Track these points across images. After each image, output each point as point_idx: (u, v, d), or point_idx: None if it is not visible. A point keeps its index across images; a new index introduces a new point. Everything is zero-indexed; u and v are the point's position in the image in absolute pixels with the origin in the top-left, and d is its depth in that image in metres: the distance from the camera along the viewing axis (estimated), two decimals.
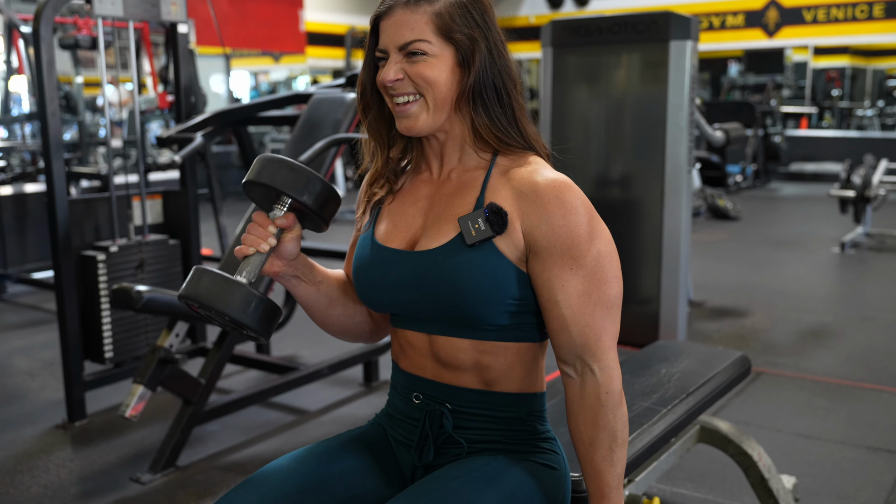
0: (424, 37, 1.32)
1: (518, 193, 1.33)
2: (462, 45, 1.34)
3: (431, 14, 1.32)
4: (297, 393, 3.63)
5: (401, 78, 1.34)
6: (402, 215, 1.44)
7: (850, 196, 6.96)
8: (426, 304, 1.36)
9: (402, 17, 1.33)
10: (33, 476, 2.96)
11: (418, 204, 1.43)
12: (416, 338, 1.41)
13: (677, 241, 4.12)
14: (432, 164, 1.45)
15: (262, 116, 3.91)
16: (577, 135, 4.41)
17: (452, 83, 1.35)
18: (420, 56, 1.32)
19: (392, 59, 1.34)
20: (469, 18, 1.34)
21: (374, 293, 1.42)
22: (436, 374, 1.40)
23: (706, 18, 12.81)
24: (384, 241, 1.42)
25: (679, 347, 2.49)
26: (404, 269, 1.37)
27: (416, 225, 1.41)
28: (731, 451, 2.37)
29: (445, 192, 1.41)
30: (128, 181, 3.72)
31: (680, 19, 4.02)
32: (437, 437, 1.41)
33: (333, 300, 1.52)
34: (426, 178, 1.46)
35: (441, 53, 1.33)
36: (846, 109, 14.22)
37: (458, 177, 1.41)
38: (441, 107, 1.35)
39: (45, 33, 3.18)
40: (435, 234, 1.37)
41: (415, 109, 1.35)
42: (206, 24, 9.69)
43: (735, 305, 5.23)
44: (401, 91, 1.35)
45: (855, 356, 4.23)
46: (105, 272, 3.38)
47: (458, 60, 1.34)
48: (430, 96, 1.34)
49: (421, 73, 1.33)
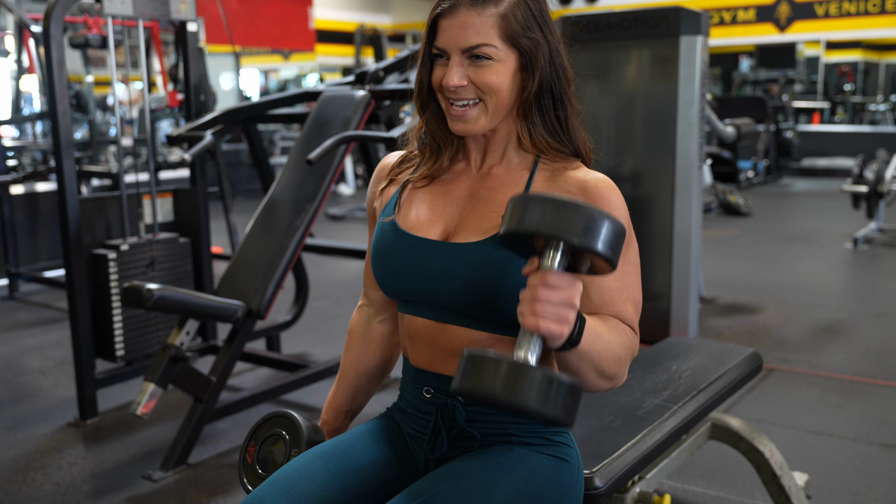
0: (490, 41, 1.29)
1: (564, 192, 1.33)
2: (526, 49, 1.31)
3: (497, 17, 1.29)
4: (308, 390, 3.64)
5: (464, 84, 1.31)
6: (434, 204, 1.42)
7: (862, 191, 6.92)
8: (452, 296, 1.35)
9: (467, 19, 1.29)
10: (46, 474, 2.97)
11: (453, 194, 1.42)
12: (426, 326, 1.40)
13: (688, 237, 4.10)
14: (472, 156, 1.44)
15: (271, 114, 3.92)
16: (587, 131, 4.38)
17: (514, 88, 1.34)
18: (485, 61, 1.30)
19: (454, 61, 1.31)
20: (532, 20, 1.32)
21: (397, 281, 1.41)
22: (445, 367, 1.40)
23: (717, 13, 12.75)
24: (413, 230, 1.40)
25: (690, 344, 2.48)
26: (438, 259, 1.36)
27: (452, 215, 1.40)
28: (743, 448, 2.36)
29: (486, 186, 1.40)
30: (138, 180, 3.74)
31: (690, 14, 3.99)
32: (450, 431, 1.41)
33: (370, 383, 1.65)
34: (463, 168, 1.44)
35: (506, 58, 1.31)
36: (859, 104, 14.15)
37: (500, 173, 1.41)
38: (500, 111, 1.35)
39: (56, 32, 3.19)
40: (475, 228, 1.36)
41: (474, 114, 1.34)
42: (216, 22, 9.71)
43: (746, 302, 5.21)
44: (462, 96, 1.33)
45: (868, 352, 4.20)
46: (116, 270, 3.40)
47: (521, 65, 1.32)
48: (492, 102, 1.33)
49: (487, 81, 1.31)
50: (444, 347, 1.39)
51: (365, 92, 3.41)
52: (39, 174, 5.82)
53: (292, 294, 4.32)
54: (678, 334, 4.12)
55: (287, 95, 3.84)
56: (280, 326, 4.11)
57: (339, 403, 1.63)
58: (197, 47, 3.76)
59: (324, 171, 3.28)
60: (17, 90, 6.54)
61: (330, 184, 3.28)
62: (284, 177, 3.41)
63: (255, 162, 4.05)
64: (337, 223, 8.59)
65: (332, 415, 1.64)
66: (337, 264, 6.21)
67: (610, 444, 1.76)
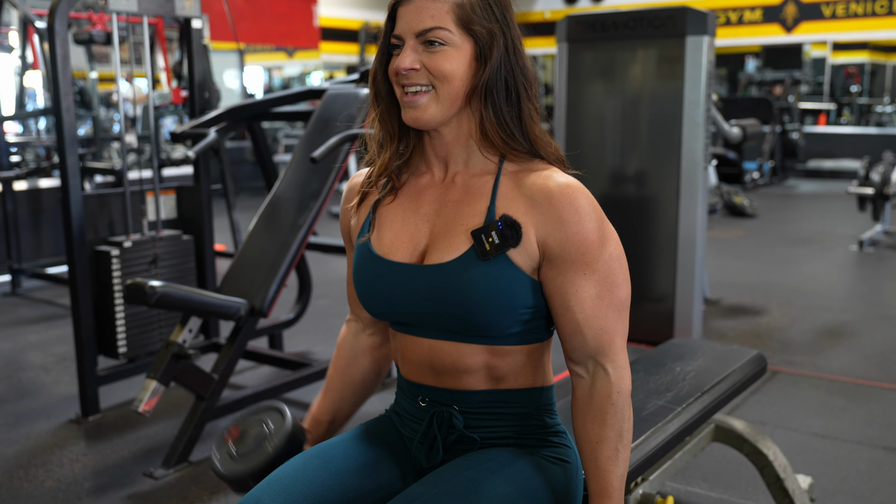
0: (444, 25, 1.28)
1: (530, 201, 1.30)
2: (481, 38, 1.30)
3: (453, 3, 1.28)
4: (310, 389, 3.63)
5: (417, 68, 1.29)
6: (404, 224, 1.39)
7: (868, 193, 6.90)
8: (437, 315, 1.34)
9: (422, 4, 1.28)
10: (47, 470, 2.96)
11: (421, 211, 1.39)
12: (417, 343, 1.39)
13: (693, 238, 4.09)
14: (434, 166, 1.40)
15: (275, 112, 3.91)
16: (592, 131, 4.38)
17: (467, 77, 1.31)
18: (439, 46, 1.28)
19: (408, 45, 1.30)
20: (490, 12, 1.30)
21: (380, 305, 1.40)
22: (437, 381, 1.39)
23: (723, 13, 12.72)
24: (387, 254, 1.38)
25: (694, 345, 2.47)
26: (414, 282, 1.34)
27: (422, 234, 1.37)
28: (747, 450, 2.35)
29: (452, 198, 1.37)
30: (142, 176, 3.73)
31: (697, 14, 3.98)
32: (447, 437, 1.40)
33: (360, 394, 1.64)
34: (427, 181, 1.41)
35: (461, 45, 1.29)
36: (865, 106, 14.09)
37: (463, 181, 1.37)
38: (452, 100, 1.31)
39: (60, 29, 3.19)
40: (446, 247, 1.33)
41: (424, 101, 1.31)
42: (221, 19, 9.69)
43: (751, 303, 5.19)
44: (413, 81, 1.30)
45: (873, 355, 4.18)
46: (119, 267, 3.39)
47: (476, 54, 1.30)
48: (444, 89, 1.30)
49: (438, 66, 1.29)
50: (436, 364, 1.38)
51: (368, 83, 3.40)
52: (43, 170, 5.82)
53: (295, 292, 4.31)
54: (682, 335, 4.11)
55: (291, 93, 3.83)
56: (282, 325, 4.10)
57: (320, 413, 1.62)
58: (201, 44, 3.75)
59: (327, 170, 3.27)
60: (21, 86, 6.54)
61: (333, 182, 3.27)
62: (288, 174, 3.40)
63: (259, 159, 4.04)
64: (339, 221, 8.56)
65: (312, 424, 1.62)
66: (340, 263, 6.20)
67: None
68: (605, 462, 1.34)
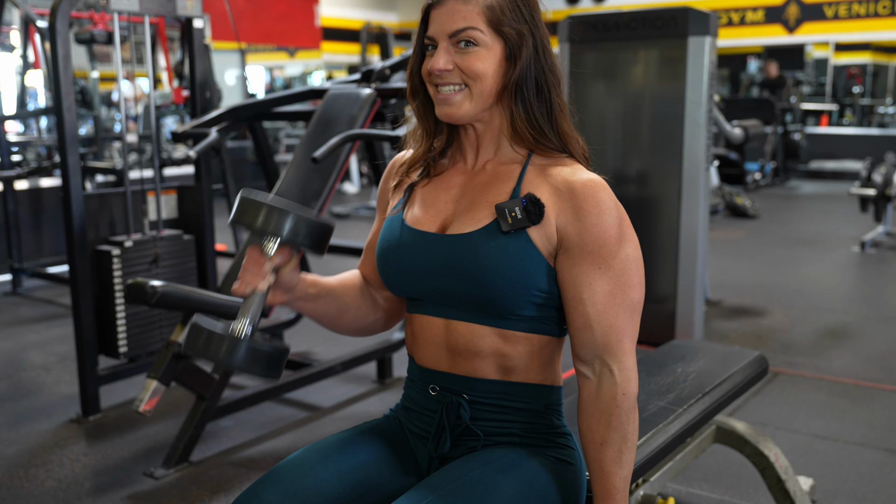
0: (476, 25, 1.33)
1: (554, 190, 1.35)
2: (511, 38, 1.35)
3: (483, 6, 1.33)
4: (311, 389, 3.63)
5: (450, 69, 1.35)
6: (434, 200, 1.45)
7: (870, 194, 6.89)
8: (453, 288, 1.36)
9: (454, 7, 1.34)
10: (47, 470, 2.96)
11: (451, 191, 1.44)
12: (433, 324, 1.41)
13: (694, 238, 4.09)
14: (468, 155, 1.46)
15: (277, 112, 3.90)
16: (593, 131, 4.37)
17: (498, 76, 1.36)
18: (471, 46, 1.34)
19: (441, 47, 1.36)
20: (518, 13, 1.36)
21: (399, 275, 1.43)
22: (451, 365, 1.41)
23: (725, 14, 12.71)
24: (414, 224, 1.43)
25: (695, 346, 2.47)
26: (434, 251, 1.38)
27: (448, 210, 1.42)
28: (748, 451, 2.34)
29: (480, 180, 1.42)
30: (143, 176, 3.72)
31: (699, 15, 3.97)
32: (455, 429, 1.41)
33: (344, 308, 1.51)
34: (460, 167, 1.47)
35: (492, 45, 1.35)
36: (867, 107, 14.08)
37: (493, 168, 1.43)
38: (484, 98, 1.37)
39: (62, 28, 3.18)
40: (469, 219, 1.38)
41: (458, 98, 1.37)
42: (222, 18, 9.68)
43: (752, 304, 5.19)
44: (447, 80, 1.36)
45: (874, 357, 4.18)
46: (120, 267, 3.39)
47: (506, 54, 1.36)
48: (476, 88, 1.36)
49: (471, 66, 1.34)
50: (450, 345, 1.40)
51: (371, 90, 3.40)
52: (44, 170, 5.82)
53: None
54: (683, 336, 4.10)
55: (293, 93, 3.83)
56: (283, 325, 4.10)
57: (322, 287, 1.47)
58: (203, 44, 3.75)
59: (329, 169, 3.27)
60: (23, 85, 6.53)
61: (335, 182, 3.27)
62: (289, 174, 3.39)
63: (260, 159, 4.04)
64: (341, 221, 8.57)
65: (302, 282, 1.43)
66: (340, 263, 6.18)
67: None
68: (609, 464, 1.35)
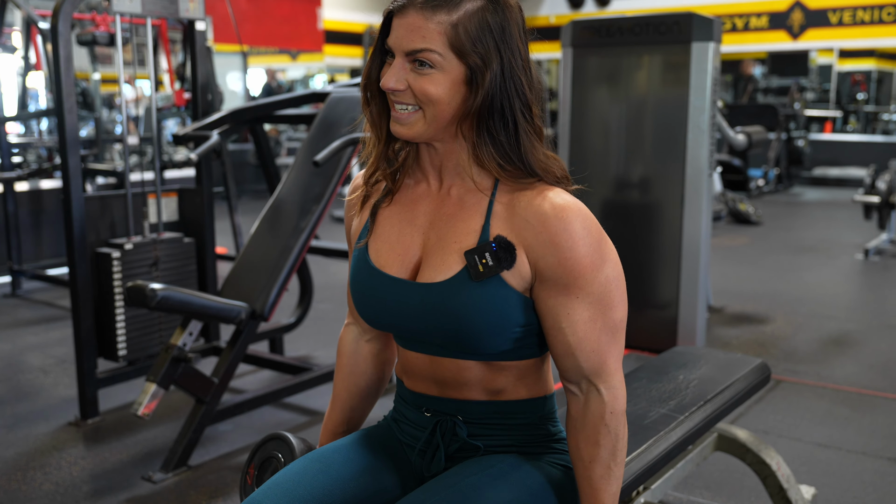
0: (434, 47, 1.22)
1: (524, 223, 1.27)
2: (473, 64, 1.24)
3: (448, 25, 1.22)
4: (311, 394, 3.61)
5: (402, 88, 1.26)
6: (400, 234, 1.37)
7: (874, 202, 6.86)
8: (431, 332, 1.33)
9: (415, 21, 1.23)
10: (45, 473, 2.95)
11: (416, 222, 1.37)
12: (418, 359, 1.39)
13: (697, 245, 4.07)
14: (429, 176, 1.38)
15: (278, 115, 3.89)
16: (596, 137, 4.37)
17: (456, 101, 1.26)
18: (427, 68, 1.24)
19: (396, 63, 1.26)
20: (486, 34, 1.23)
21: (375, 316, 1.39)
22: (441, 391, 1.40)
23: (729, 20, 12.70)
24: (382, 266, 1.36)
25: (697, 353, 2.45)
26: (407, 297, 1.33)
27: (415, 247, 1.36)
28: (750, 459, 2.32)
29: (446, 211, 1.34)
30: (143, 178, 3.71)
31: (702, 20, 3.96)
32: (450, 445, 1.40)
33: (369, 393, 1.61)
34: (423, 190, 1.38)
35: (449, 68, 1.24)
36: (871, 113, 14.05)
37: (458, 195, 1.34)
38: (439, 122, 1.28)
39: (64, 29, 3.18)
40: (439, 265, 1.31)
41: (411, 119, 1.28)
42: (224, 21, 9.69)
43: (755, 312, 5.16)
44: (400, 100, 1.27)
45: (877, 365, 4.16)
46: (119, 270, 3.38)
47: (466, 78, 1.25)
48: (429, 112, 1.26)
49: (423, 89, 1.24)
50: (438, 377, 1.38)
51: None
52: (44, 171, 5.81)
53: (296, 296, 4.29)
54: (685, 343, 4.08)
55: (295, 96, 3.82)
56: (283, 329, 4.09)
57: (334, 425, 1.60)
58: (205, 46, 3.74)
59: (330, 173, 3.26)
60: (24, 87, 6.53)
61: (336, 186, 3.26)
62: (291, 178, 3.39)
63: (262, 162, 4.03)
64: (341, 225, 8.55)
65: (329, 437, 1.61)
66: (341, 267, 6.18)
67: None
68: (598, 481, 1.33)
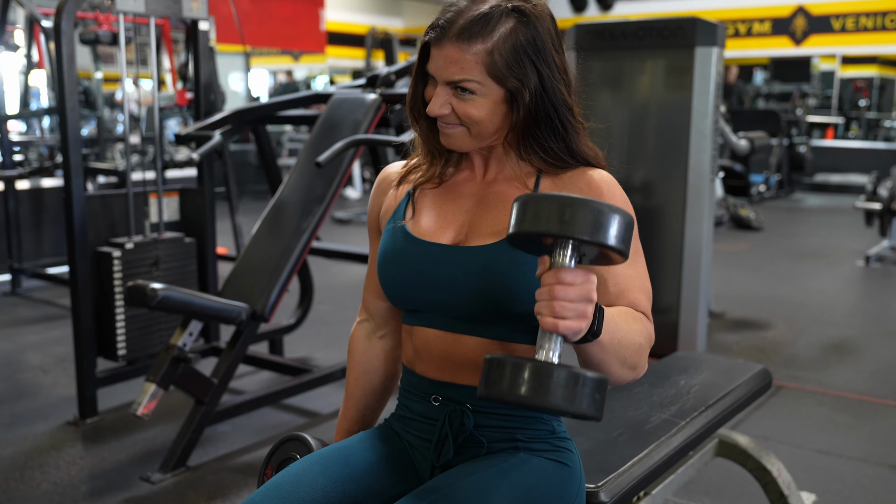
0: (474, 77, 1.29)
1: (570, 187, 1.37)
2: (512, 87, 1.31)
3: (484, 53, 1.28)
4: (311, 395, 3.60)
5: (447, 112, 1.33)
6: (444, 211, 1.42)
7: (876, 209, 6.86)
8: (468, 302, 1.34)
9: (452, 54, 1.29)
10: (43, 473, 2.94)
11: (460, 201, 1.42)
12: (437, 338, 1.39)
13: (698, 250, 4.06)
14: (476, 165, 1.45)
15: (281, 115, 3.89)
16: (598, 140, 4.35)
17: (499, 117, 1.34)
18: (468, 94, 1.31)
19: (439, 90, 1.33)
20: (522, 54, 1.30)
21: (406, 288, 1.40)
22: (455, 375, 1.39)
23: (732, 25, 12.70)
24: (424, 236, 1.40)
25: (698, 359, 2.45)
26: (452, 264, 1.36)
27: (461, 221, 1.40)
28: (750, 466, 2.32)
29: (494, 190, 1.41)
30: (145, 178, 3.71)
31: (706, 25, 3.96)
32: (458, 437, 1.40)
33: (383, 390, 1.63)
34: (468, 176, 1.45)
35: (489, 93, 1.31)
36: (874, 120, 14.04)
37: (505, 179, 1.42)
38: (485, 137, 1.37)
39: (67, 28, 3.17)
40: (486, 233, 1.36)
41: (458, 133, 1.36)
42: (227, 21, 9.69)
43: (756, 317, 5.16)
44: (446, 121, 1.35)
45: (879, 372, 4.15)
46: (120, 269, 3.37)
47: (506, 98, 1.33)
48: (475, 130, 1.35)
49: (466, 112, 1.32)
50: (455, 358, 1.38)
51: (376, 95, 3.39)
52: (45, 170, 5.80)
53: (296, 297, 4.29)
54: (686, 349, 4.08)
55: (297, 97, 3.81)
56: (283, 330, 4.08)
57: (349, 424, 1.62)
58: (207, 46, 3.74)
59: (332, 174, 3.25)
60: (26, 85, 6.52)
61: (338, 187, 3.25)
62: (292, 179, 3.38)
63: (263, 163, 4.02)
64: (343, 227, 8.56)
65: (344, 436, 1.62)
66: (341, 268, 6.17)
67: (616, 458, 1.73)
68: (620, 319, 1.24)
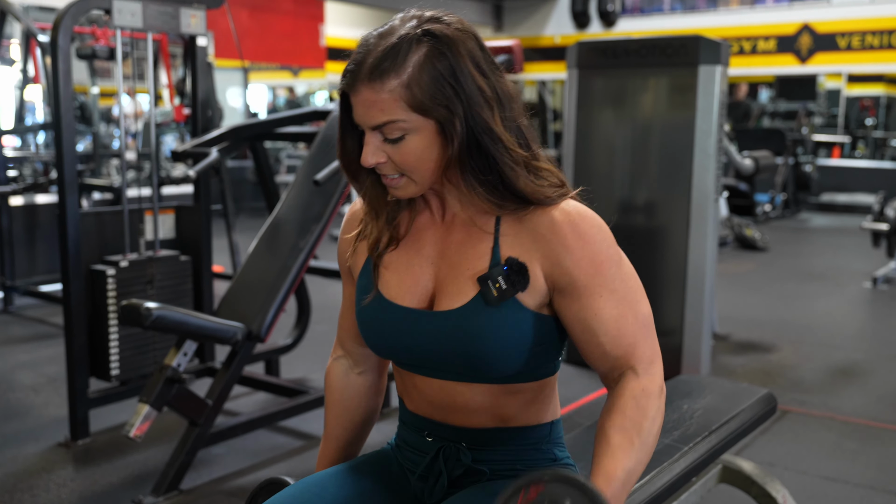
0: (397, 116, 1.19)
1: (534, 234, 1.26)
2: (440, 117, 1.20)
3: (400, 88, 1.18)
4: (307, 417, 3.55)
5: (383, 161, 1.23)
6: (409, 266, 1.34)
7: (883, 229, 6.80)
8: (446, 360, 1.30)
9: (368, 96, 1.19)
10: (33, 495, 2.89)
11: (424, 252, 1.34)
12: (425, 383, 1.35)
13: (702, 271, 4.02)
14: (432, 205, 1.35)
15: (279, 132, 3.86)
16: (601, 159, 4.33)
17: (436, 154, 1.23)
18: (399, 141, 1.21)
19: (368, 139, 1.23)
20: (442, 84, 1.19)
21: (390, 351, 1.36)
22: (445, 417, 1.36)
23: (737, 43, 12.68)
24: (394, 298, 1.33)
25: (702, 382, 2.41)
26: (423, 328, 1.30)
27: (427, 277, 1.33)
28: (755, 492, 2.28)
29: (454, 239, 1.32)
30: (140, 195, 3.68)
31: (710, 43, 3.93)
32: (453, 471, 1.37)
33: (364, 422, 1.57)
34: (427, 219, 1.35)
35: (421, 127, 1.21)
36: (880, 139, 14.01)
37: (464, 221, 1.32)
38: (429, 178, 1.27)
39: (63, 43, 3.15)
40: (453, 293, 1.29)
41: (401, 183, 1.27)
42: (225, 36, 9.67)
43: (761, 340, 5.10)
44: (385, 171, 1.26)
45: (886, 396, 4.08)
46: (114, 287, 3.33)
47: (439, 129, 1.22)
48: (416, 175, 1.25)
49: (403, 160, 1.23)
50: (445, 402, 1.35)
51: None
52: (40, 186, 5.77)
53: (293, 317, 4.24)
54: (690, 372, 4.03)
55: (296, 113, 3.79)
56: (280, 350, 4.03)
57: (330, 462, 1.55)
58: (206, 61, 3.71)
59: (330, 192, 3.22)
60: (21, 100, 6.50)
61: (336, 205, 3.22)
62: (290, 196, 3.35)
63: (261, 180, 3.99)
64: None
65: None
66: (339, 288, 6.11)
67: None
68: (616, 448, 1.22)
